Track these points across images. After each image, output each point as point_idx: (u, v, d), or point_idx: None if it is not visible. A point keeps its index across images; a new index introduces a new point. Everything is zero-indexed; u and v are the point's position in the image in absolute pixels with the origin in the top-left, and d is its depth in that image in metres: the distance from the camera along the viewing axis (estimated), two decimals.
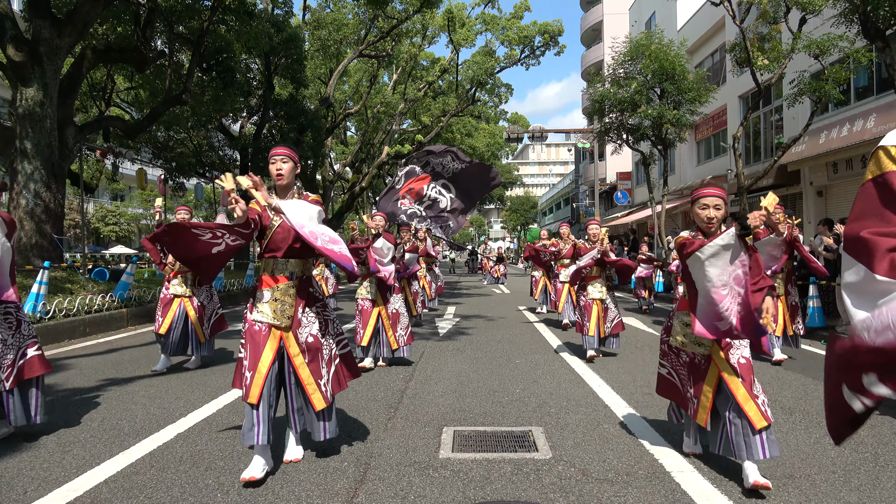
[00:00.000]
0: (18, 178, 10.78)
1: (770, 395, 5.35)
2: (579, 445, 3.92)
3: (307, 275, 3.61)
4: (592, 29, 40.90)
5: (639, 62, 17.53)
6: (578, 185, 45.91)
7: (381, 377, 6.10)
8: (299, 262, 3.57)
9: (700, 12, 23.51)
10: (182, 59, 16.29)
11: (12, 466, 3.55)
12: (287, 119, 19.79)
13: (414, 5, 20.64)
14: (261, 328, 3.43)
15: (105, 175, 21.72)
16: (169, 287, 6.50)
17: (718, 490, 3.18)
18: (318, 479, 3.35)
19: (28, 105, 10.68)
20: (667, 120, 16.91)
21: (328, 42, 22.93)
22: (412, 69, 27.98)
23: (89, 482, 3.29)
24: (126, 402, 5.04)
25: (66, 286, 10.00)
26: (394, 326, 6.53)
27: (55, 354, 7.35)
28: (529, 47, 24.58)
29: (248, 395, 3.32)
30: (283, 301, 3.48)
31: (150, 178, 22.34)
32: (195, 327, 6.46)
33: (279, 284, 3.49)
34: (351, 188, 27.73)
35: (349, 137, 35.73)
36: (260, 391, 3.31)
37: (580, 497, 3.11)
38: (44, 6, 10.89)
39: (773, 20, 13.96)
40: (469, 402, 5.06)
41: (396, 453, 3.77)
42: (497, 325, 10.68)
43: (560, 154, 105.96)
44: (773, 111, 19.22)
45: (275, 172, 3.56)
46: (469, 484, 3.28)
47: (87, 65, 12.72)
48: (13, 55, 10.48)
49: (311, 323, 3.54)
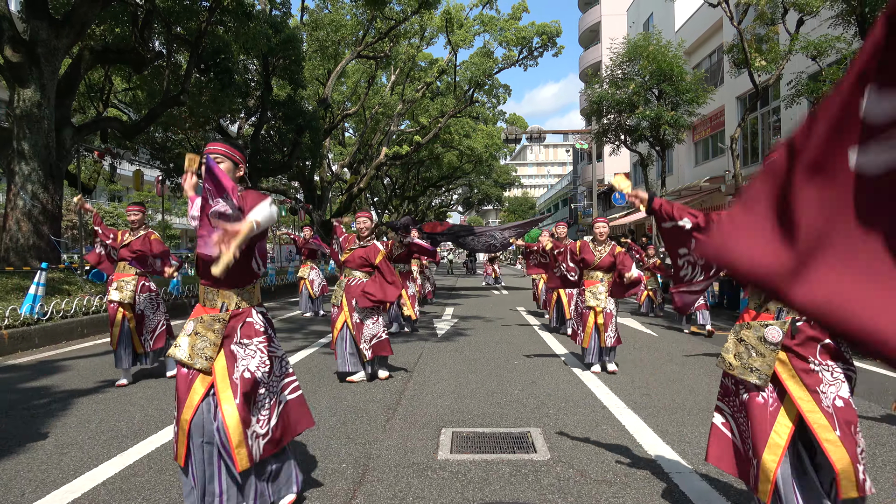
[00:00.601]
0: (16, 179, 10.76)
1: None
2: (578, 446, 3.92)
3: (244, 307, 2.84)
4: (590, 30, 40.95)
5: (637, 63, 17.58)
6: (577, 186, 45.96)
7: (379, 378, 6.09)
8: (233, 293, 2.81)
9: (698, 13, 23.54)
10: (180, 60, 16.27)
11: (10, 468, 3.54)
12: (285, 120, 19.78)
13: (412, 6, 20.64)
14: (189, 370, 2.74)
15: (103, 176, 21.67)
16: (109, 292, 5.95)
17: (716, 491, 3.19)
18: (317, 481, 3.35)
19: (25, 106, 10.66)
20: (665, 121, 16.95)
21: (326, 43, 22.92)
22: (410, 70, 27.98)
23: (87, 484, 3.29)
24: (124, 403, 5.04)
25: (64, 287, 9.98)
26: (357, 338, 5.81)
27: (53, 356, 7.34)
28: (527, 48, 24.62)
29: (175, 454, 2.70)
30: (203, 336, 2.74)
31: (148, 178, 22.31)
32: (133, 336, 5.86)
33: (204, 316, 2.79)
34: (349, 189, 27.72)
35: (347, 138, 35.72)
36: (185, 450, 2.64)
37: (579, 498, 3.11)
38: (41, 7, 10.87)
39: (771, 21, 13.99)
40: (467, 404, 5.06)
41: (395, 454, 3.77)
42: (495, 326, 10.68)
43: (558, 155, 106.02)
44: (771, 112, 19.25)
45: None
46: (467, 485, 3.28)
47: (85, 66, 12.70)
48: (10, 56, 10.46)
49: (250, 357, 2.77)
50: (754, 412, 2.42)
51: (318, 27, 22.57)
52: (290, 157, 20.54)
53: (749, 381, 2.45)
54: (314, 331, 9.68)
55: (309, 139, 20.44)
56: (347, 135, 36.06)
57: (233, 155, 2.84)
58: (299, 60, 19.03)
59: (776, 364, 2.41)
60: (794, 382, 2.38)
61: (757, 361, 2.44)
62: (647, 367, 6.73)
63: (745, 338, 2.52)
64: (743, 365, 2.48)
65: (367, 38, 22.63)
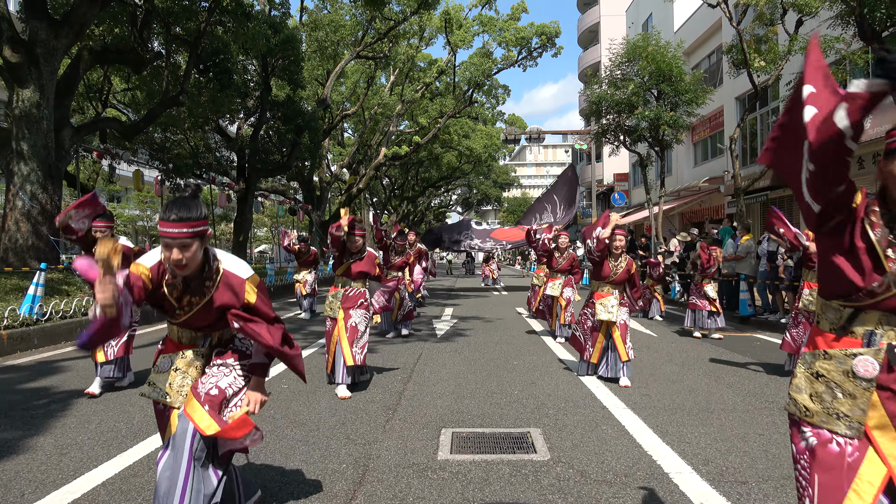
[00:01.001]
0: (15, 179, 10.75)
1: (767, 396, 5.37)
2: (577, 447, 3.92)
3: (226, 338, 2.74)
4: (589, 30, 40.99)
5: (636, 64, 17.59)
6: None
7: (378, 379, 6.09)
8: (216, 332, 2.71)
9: (697, 14, 23.55)
10: (179, 61, 16.26)
11: (10, 469, 3.54)
12: (284, 120, 19.78)
13: (411, 7, 20.65)
14: (164, 408, 2.63)
15: (102, 176, 21.65)
16: None
17: (717, 491, 3.19)
18: (317, 482, 3.34)
19: (24, 106, 10.65)
20: (664, 121, 16.97)
21: (325, 43, 22.92)
22: (409, 71, 27.99)
23: (87, 485, 3.29)
24: (123, 403, 5.03)
25: (63, 288, 9.96)
26: (350, 341, 5.52)
27: (52, 356, 7.33)
28: (527, 49, 24.64)
29: None
30: (185, 374, 2.61)
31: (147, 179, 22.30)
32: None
33: (185, 353, 2.65)
34: (348, 189, 27.72)
35: (346, 139, 35.72)
36: None
37: (578, 498, 3.11)
38: (40, 7, 10.86)
39: (770, 22, 14.00)
40: (467, 404, 5.06)
41: (395, 455, 3.77)
42: (495, 326, 10.68)
43: (557, 155, 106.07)
44: (770, 113, 19.27)
45: None
46: (468, 485, 3.28)
47: (84, 66, 12.68)
48: (10, 56, 10.45)
49: (223, 375, 2.59)
50: (825, 462, 1.75)
51: (317, 27, 22.57)
52: (290, 157, 20.54)
53: (836, 431, 1.76)
54: (313, 331, 9.68)
55: (308, 139, 20.44)
56: (346, 135, 36.06)
57: None
58: (298, 61, 19.03)
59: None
60: (883, 434, 1.72)
61: (845, 405, 1.75)
62: (647, 368, 6.73)
63: (825, 371, 1.81)
64: (826, 410, 1.78)
65: (366, 39, 22.63)
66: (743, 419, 4.57)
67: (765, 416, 4.65)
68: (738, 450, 3.85)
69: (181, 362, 2.62)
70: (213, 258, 2.54)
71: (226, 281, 2.54)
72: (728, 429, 4.32)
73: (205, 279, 2.51)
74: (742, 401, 5.17)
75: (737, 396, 5.33)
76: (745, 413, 4.76)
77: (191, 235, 2.34)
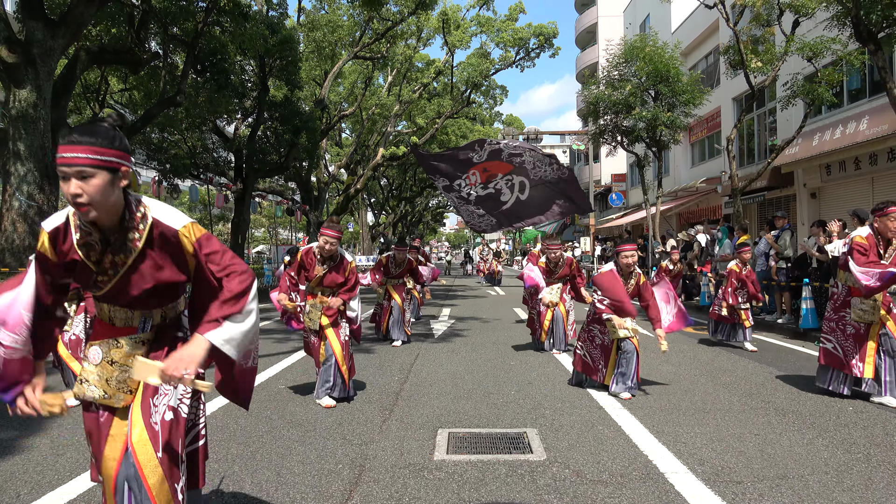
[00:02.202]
0: (11, 179, 10.74)
1: (763, 396, 5.38)
2: (574, 447, 3.93)
3: (171, 316, 2.22)
4: (587, 31, 41.02)
5: (633, 64, 17.59)
6: None
7: (375, 379, 6.10)
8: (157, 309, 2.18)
9: (694, 15, 23.59)
10: (176, 61, 16.25)
11: (5, 470, 3.53)
12: (282, 121, 19.76)
13: (409, 7, 20.65)
14: (99, 412, 2.13)
15: None
16: None
17: (712, 491, 3.20)
18: (313, 482, 3.35)
19: (21, 107, 10.64)
20: (661, 122, 16.97)
21: (323, 44, 22.90)
22: (407, 71, 27.99)
23: (83, 485, 3.28)
24: None
25: None
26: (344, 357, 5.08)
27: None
28: (524, 49, 24.64)
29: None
30: (123, 366, 2.10)
31: (144, 180, 22.29)
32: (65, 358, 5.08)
33: (120, 339, 2.12)
34: (346, 190, 27.69)
35: (344, 139, 35.69)
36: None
37: (574, 498, 3.12)
38: (37, 7, 10.84)
39: (767, 23, 14.02)
40: (464, 404, 5.07)
41: (391, 455, 3.77)
42: (492, 326, 10.69)
43: None
44: (767, 113, 19.30)
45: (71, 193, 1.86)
46: (464, 486, 3.29)
47: (81, 66, 12.66)
48: (6, 57, 10.43)
49: (173, 390, 2.11)
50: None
51: (314, 28, 22.54)
52: (287, 157, 20.52)
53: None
54: None
55: (306, 140, 20.42)
56: (344, 136, 36.04)
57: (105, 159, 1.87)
58: (296, 61, 19.02)
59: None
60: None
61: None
62: (643, 368, 6.73)
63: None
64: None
65: (363, 39, 22.63)
66: (739, 419, 4.59)
67: (760, 417, 4.66)
68: (733, 450, 3.86)
69: (117, 352, 2.11)
70: (136, 203, 2.01)
71: (158, 231, 2.01)
72: (724, 429, 4.33)
73: (127, 230, 1.98)
74: (738, 401, 5.18)
75: (733, 397, 5.35)
76: (741, 413, 4.77)
77: (93, 163, 1.82)
